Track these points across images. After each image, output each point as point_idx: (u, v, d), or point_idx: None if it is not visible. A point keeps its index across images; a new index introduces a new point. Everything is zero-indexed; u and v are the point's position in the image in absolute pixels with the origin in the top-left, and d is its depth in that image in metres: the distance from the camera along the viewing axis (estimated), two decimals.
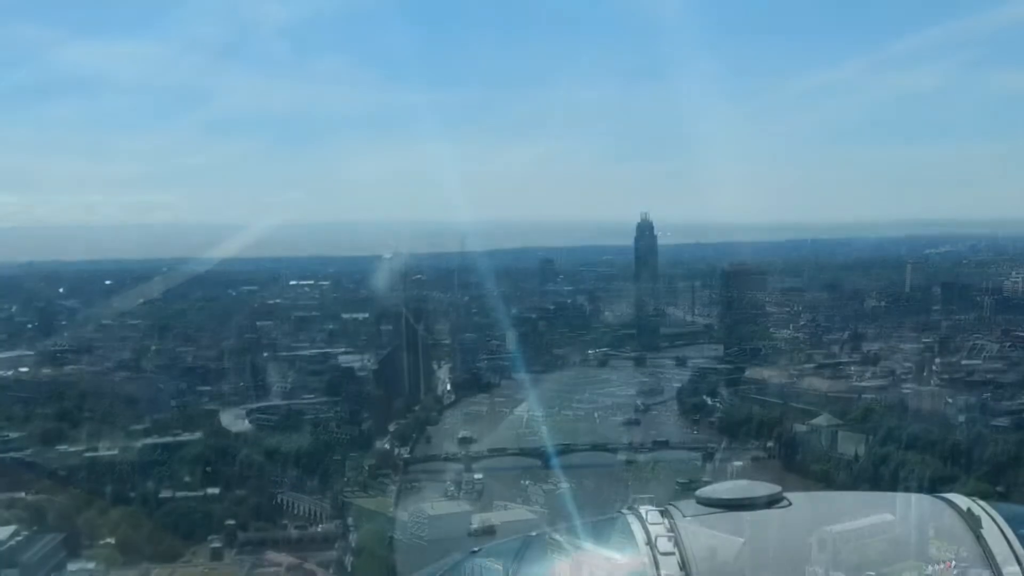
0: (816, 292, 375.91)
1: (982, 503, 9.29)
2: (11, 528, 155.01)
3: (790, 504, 9.39)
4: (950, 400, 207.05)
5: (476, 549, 13.93)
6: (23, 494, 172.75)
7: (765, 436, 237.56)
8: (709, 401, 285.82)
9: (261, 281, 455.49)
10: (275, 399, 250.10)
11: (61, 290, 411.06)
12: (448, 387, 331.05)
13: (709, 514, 9.25)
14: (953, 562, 10.39)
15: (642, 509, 9.55)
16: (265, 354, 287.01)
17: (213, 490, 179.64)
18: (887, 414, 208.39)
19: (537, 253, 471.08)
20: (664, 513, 9.42)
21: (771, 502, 9.36)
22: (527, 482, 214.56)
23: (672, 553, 9.89)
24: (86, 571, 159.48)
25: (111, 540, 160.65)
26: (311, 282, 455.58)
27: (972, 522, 8.95)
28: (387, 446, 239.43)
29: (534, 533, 9.60)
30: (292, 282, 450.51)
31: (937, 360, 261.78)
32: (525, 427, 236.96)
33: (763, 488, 9.57)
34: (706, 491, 9.64)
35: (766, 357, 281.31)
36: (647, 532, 9.12)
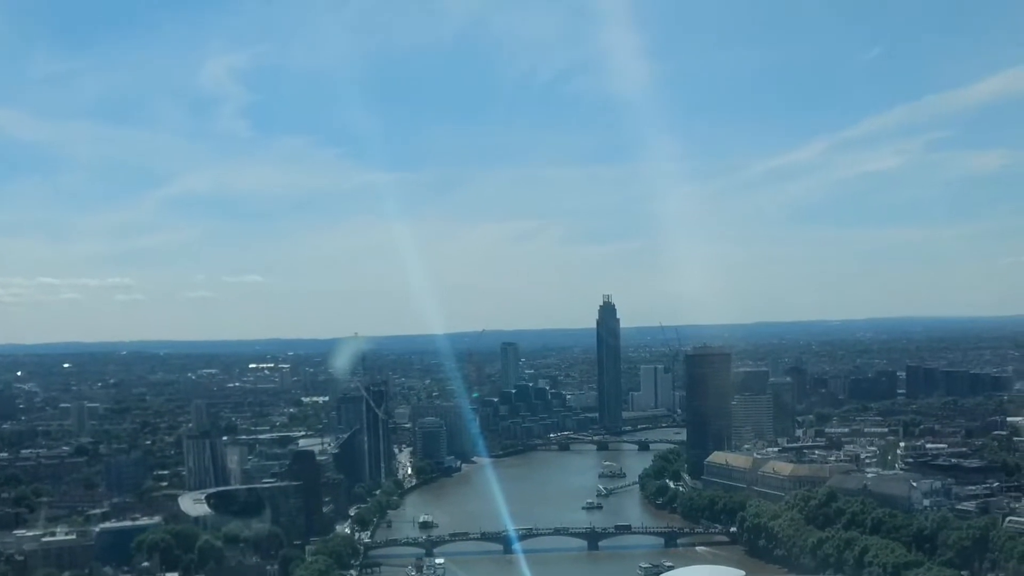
0: (780, 376, 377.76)
1: None
2: None
3: None
4: (915, 484, 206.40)
5: None
6: None
7: (728, 520, 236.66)
8: (672, 485, 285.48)
9: (221, 364, 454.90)
10: (235, 483, 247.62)
11: (19, 373, 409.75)
12: (409, 471, 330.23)
13: None
14: None
15: None
16: (225, 437, 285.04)
17: (172, 575, 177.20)
18: (851, 498, 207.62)
19: (499, 336, 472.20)
20: None
21: None
22: (489, 567, 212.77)
23: None
24: None
25: None
26: (271, 365, 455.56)
27: None
28: (348, 530, 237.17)
29: None
30: (252, 365, 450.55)
31: (901, 444, 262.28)
32: (487, 511, 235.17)
33: (726, 572, 8.86)
34: (669, 575, 8.91)
35: (729, 441, 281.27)
36: None
